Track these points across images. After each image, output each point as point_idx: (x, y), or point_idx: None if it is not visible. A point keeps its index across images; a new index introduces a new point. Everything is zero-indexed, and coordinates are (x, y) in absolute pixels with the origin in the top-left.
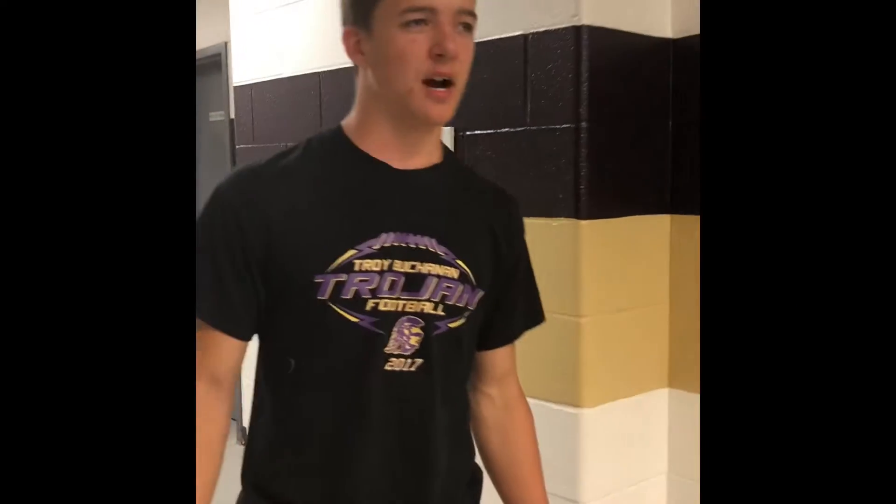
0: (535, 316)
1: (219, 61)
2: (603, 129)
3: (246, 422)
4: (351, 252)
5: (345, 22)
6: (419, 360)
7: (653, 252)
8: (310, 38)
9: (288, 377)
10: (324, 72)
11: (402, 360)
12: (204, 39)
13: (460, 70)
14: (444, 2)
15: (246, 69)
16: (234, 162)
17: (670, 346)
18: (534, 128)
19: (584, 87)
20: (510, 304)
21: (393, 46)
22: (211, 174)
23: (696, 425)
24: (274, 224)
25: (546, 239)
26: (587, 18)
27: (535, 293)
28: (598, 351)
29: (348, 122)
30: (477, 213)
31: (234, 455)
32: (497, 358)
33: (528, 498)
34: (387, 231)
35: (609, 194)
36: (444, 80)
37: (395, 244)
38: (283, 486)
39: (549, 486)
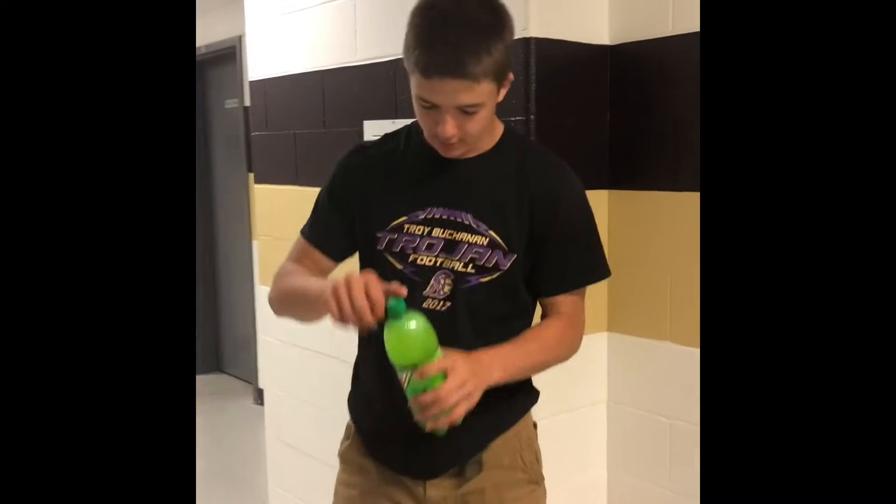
0: (590, 274)
1: (234, 53)
2: (548, 121)
3: (262, 384)
4: (403, 218)
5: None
6: (448, 304)
7: None
8: (314, 40)
9: None
10: (326, 70)
11: (435, 301)
12: (219, 33)
13: (464, 134)
14: (443, 102)
15: (261, 66)
16: (248, 145)
17: (609, 296)
18: None
19: (532, 88)
20: (558, 264)
21: (417, 110)
22: (226, 155)
23: (631, 362)
24: (359, 187)
25: None
26: (535, 31)
27: (591, 255)
28: None
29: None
30: (517, 187)
31: (255, 416)
32: (552, 303)
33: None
34: (432, 206)
35: None
36: None
37: (438, 216)
38: (354, 411)
39: None
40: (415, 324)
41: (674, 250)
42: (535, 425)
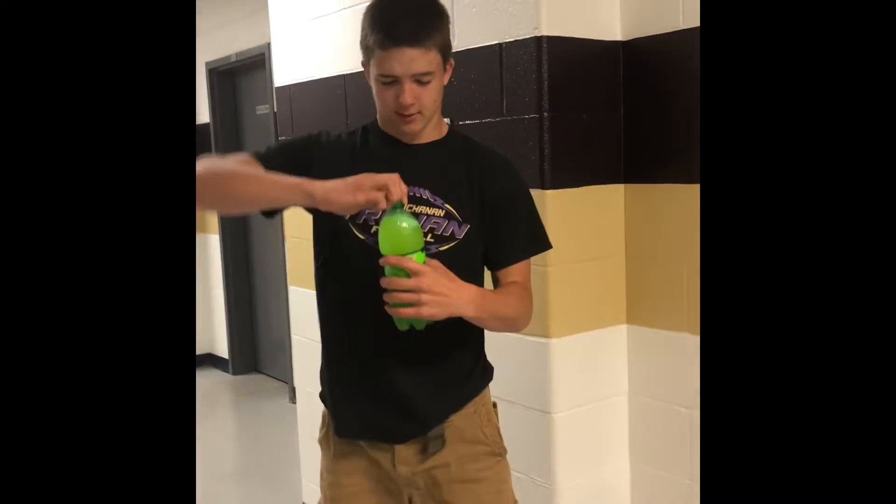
0: (536, 245)
1: (263, 60)
2: (562, 118)
3: (296, 382)
4: None
5: (364, 57)
6: None
7: (609, 214)
8: (335, 46)
9: (320, 267)
10: (348, 74)
11: None
12: (249, 41)
13: (421, 106)
14: (401, 71)
15: (286, 72)
16: None
17: (627, 290)
18: (508, 118)
19: (545, 86)
20: (507, 236)
21: (377, 91)
22: None
23: (651, 354)
24: (332, 167)
25: None
26: (546, 30)
27: (535, 229)
28: (562, 293)
29: (379, 118)
30: (466, 170)
31: (290, 414)
32: (502, 274)
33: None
34: None
35: (568, 169)
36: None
37: None
38: (324, 391)
39: (526, 401)
40: (401, 220)
41: (689, 242)
42: (494, 405)
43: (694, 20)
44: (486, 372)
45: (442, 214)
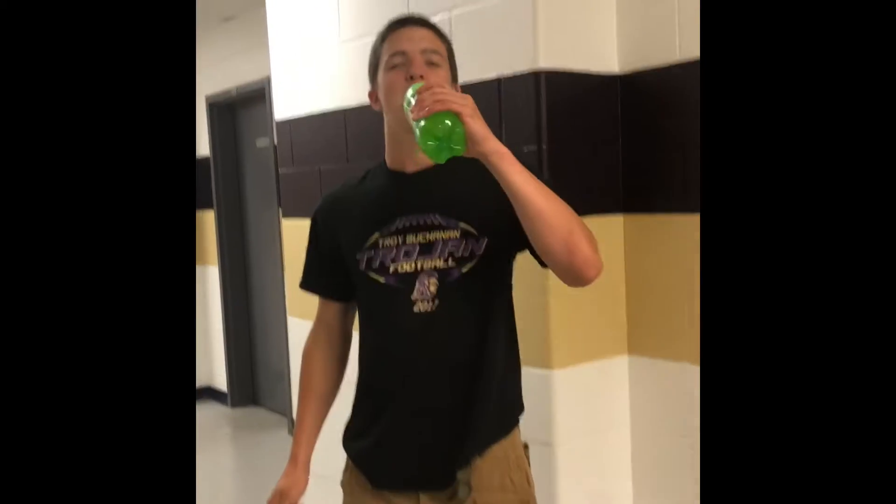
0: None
1: (263, 94)
2: (560, 150)
3: (296, 415)
4: (376, 235)
5: (371, 85)
6: (437, 301)
7: (609, 244)
8: (335, 80)
9: (361, 324)
10: (349, 109)
11: (425, 302)
12: (249, 74)
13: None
14: (410, 46)
15: (286, 106)
16: (278, 183)
17: (628, 320)
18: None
19: (543, 119)
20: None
21: (386, 83)
22: (258, 192)
23: (653, 385)
24: (338, 225)
25: None
26: (544, 64)
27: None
28: (562, 323)
29: (386, 153)
30: (471, 177)
31: (288, 445)
32: None
33: None
34: (400, 216)
35: (567, 200)
36: None
37: (408, 224)
38: (347, 440)
39: (527, 432)
40: (446, 118)
41: (689, 271)
42: (525, 446)
43: (690, 53)
44: (517, 406)
45: (458, 235)
